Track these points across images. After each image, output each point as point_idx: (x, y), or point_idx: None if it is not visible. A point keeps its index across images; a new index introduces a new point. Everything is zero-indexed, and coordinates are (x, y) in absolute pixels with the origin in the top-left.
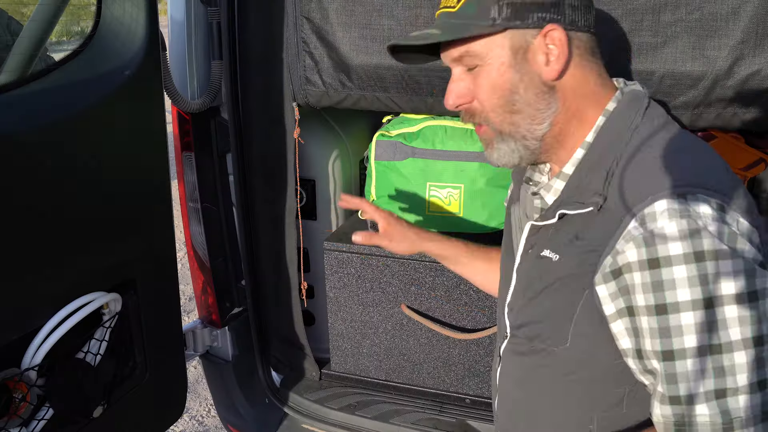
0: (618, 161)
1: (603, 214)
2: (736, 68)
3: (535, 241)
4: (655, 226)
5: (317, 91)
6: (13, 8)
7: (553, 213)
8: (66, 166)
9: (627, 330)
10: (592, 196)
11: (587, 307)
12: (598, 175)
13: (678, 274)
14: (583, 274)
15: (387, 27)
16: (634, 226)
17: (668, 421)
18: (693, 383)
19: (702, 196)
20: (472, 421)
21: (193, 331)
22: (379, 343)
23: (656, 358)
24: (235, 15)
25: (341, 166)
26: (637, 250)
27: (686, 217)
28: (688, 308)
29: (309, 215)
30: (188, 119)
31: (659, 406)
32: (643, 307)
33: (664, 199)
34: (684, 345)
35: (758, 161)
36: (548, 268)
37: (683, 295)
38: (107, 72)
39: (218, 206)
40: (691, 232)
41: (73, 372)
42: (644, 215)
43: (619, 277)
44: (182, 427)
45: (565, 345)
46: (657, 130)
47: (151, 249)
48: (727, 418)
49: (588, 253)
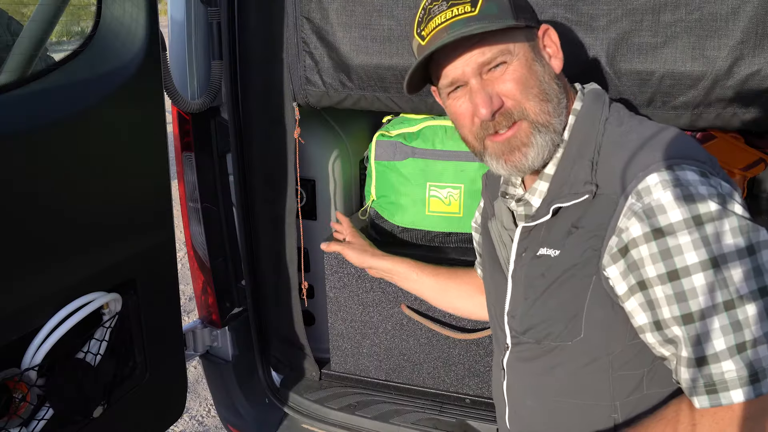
0: (599, 150)
1: (598, 200)
2: (735, 68)
3: (527, 244)
4: (651, 199)
5: (317, 91)
6: (13, 8)
7: (546, 210)
8: (66, 166)
9: (641, 305)
10: (583, 185)
11: (597, 293)
12: (582, 166)
13: (683, 240)
14: (587, 261)
15: (387, 27)
16: (632, 203)
17: (697, 384)
18: (716, 341)
19: (686, 166)
20: (472, 421)
21: (193, 331)
22: (379, 343)
23: (677, 323)
24: (235, 15)
25: (341, 166)
26: (640, 224)
27: (678, 186)
28: (697, 270)
29: (309, 215)
30: (188, 119)
31: (686, 371)
32: (655, 277)
33: (655, 173)
34: (701, 306)
35: (758, 161)
36: (549, 264)
37: (691, 258)
38: (107, 72)
39: (218, 206)
40: (686, 198)
41: (73, 372)
42: (639, 191)
43: (627, 254)
44: (182, 427)
45: (580, 336)
46: (627, 120)
47: (151, 249)
48: (752, 369)
49: (589, 240)
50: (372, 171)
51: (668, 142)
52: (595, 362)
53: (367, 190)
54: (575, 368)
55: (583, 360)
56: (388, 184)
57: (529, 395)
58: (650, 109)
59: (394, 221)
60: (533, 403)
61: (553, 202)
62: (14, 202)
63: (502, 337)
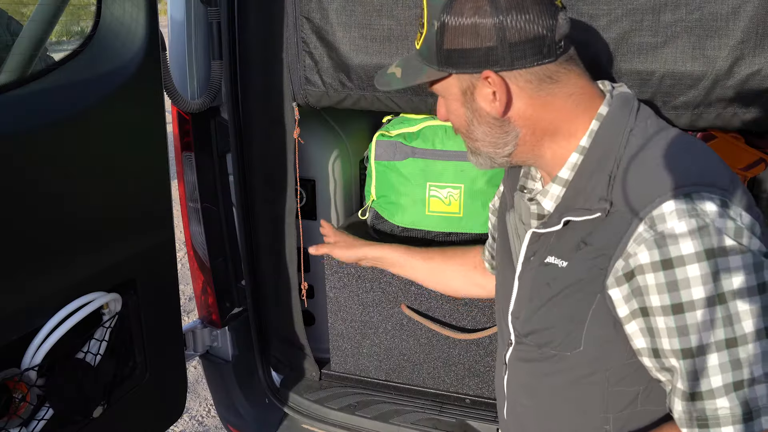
0: (618, 164)
1: (610, 218)
2: (736, 68)
3: (536, 248)
4: (665, 227)
5: (317, 91)
6: (13, 8)
7: (558, 220)
8: (66, 166)
9: (642, 330)
10: (597, 201)
11: (599, 311)
12: (600, 179)
13: (692, 273)
14: (593, 279)
15: (387, 27)
16: (644, 229)
17: (690, 417)
18: (713, 378)
19: (706, 194)
20: (472, 421)
21: (193, 331)
22: (379, 343)
23: (675, 356)
24: (235, 15)
25: (341, 166)
26: (649, 252)
27: (694, 216)
28: (703, 305)
29: (309, 215)
30: (188, 119)
31: (680, 403)
32: (659, 308)
33: (672, 200)
34: (702, 342)
35: (758, 161)
36: (555, 274)
37: (698, 293)
38: (107, 72)
39: (218, 206)
40: (700, 231)
41: (73, 372)
42: (653, 217)
43: (632, 279)
44: (182, 427)
45: (579, 349)
46: (652, 132)
47: (151, 249)
48: (746, 408)
49: (597, 258)
50: (372, 171)
51: (690, 163)
52: (592, 375)
53: (367, 190)
54: (572, 378)
55: (581, 372)
56: (388, 184)
57: (525, 395)
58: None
59: (394, 221)
60: (528, 403)
61: (565, 214)
62: (14, 202)
63: (506, 332)
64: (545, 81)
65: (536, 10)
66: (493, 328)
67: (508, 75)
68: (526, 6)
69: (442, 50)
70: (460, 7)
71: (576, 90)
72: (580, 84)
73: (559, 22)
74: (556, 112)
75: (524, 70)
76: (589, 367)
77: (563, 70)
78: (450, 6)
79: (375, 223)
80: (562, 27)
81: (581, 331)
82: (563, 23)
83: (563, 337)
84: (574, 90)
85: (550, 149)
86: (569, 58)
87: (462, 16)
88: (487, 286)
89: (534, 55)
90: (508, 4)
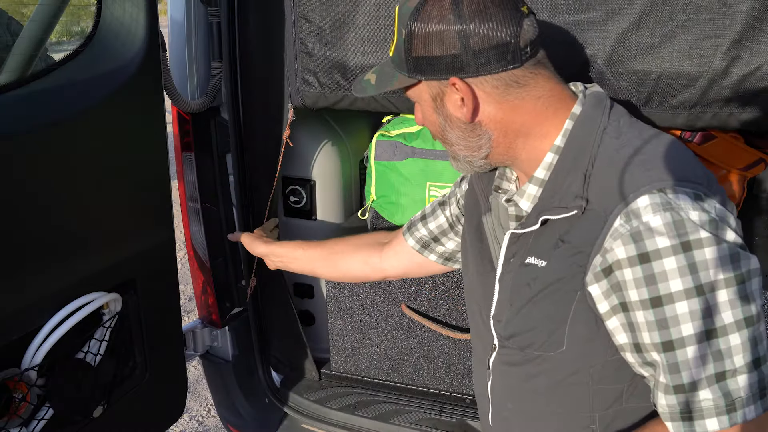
0: (593, 163)
1: (586, 216)
2: (732, 68)
3: (516, 249)
4: (640, 222)
5: (314, 92)
6: (13, 8)
7: (535, 219)
8: (66, 166)
9: (623, 325)
10: (573, 199)
11: (581, 309)
12: (576, 178)
13: (668, 266)
14: (572, 277)
15: (384, 27)
16: (620, 224)
17: (673, 410)
18: (694, 370)
19: (680, 188)
20: (472, 421)
21: (193, 331)
22: (379, 343)
23: (656, 350)
24: (235, 15)
25: (341, 166)
26: (625, 246)
27: (669, 210)
28: (681, 298)
29: (308, 215)
30: (188, 119)
31: (663, 396)
32: (638, 302)
33: (646, 195)
34: (682, 334)
35: (758, 161)
36: (535, 274)
37: (676, 286)
38: (107, 72)
39: (218, 206)
40: (676, 224)
41: (73, 372)
42: (628, 212)
43: (611, 274)
44: (182, 427)
45: (561, 348)
46: (626, 130)
47: (151, 249)
48: (729, 399)
49: (575, 255)
50: (372, 171)
51: (664, 159)
52: (576, 374)
53: (367, 190)
54: (556, 379)
55: (565, 372)
56: (388, 184)
57: (510, 398)
58: (647, 109)
59: (394, 221)
60: (514, 407)
61: (542, 213)
62: (14, 202)
63: (487, 337)
64: (512, 86)
65: (499, 17)
66: None
67: (474, 81)
68: (490, 14)
69: (411, 57)
70: (426, 15)
71: (544, 93)
72: (548, 87)
73: (524, 29)
74: (526, 115)
75: (490, 76)
76: (573, 366)
77: (530, 74)
78: (417, 14)
79: (375, 224)
80: (527, 33)
81: (563, 330)
82: (529, 29)
83: (546, 337)
84: (542, 93)
85: (525, 150)
86: (537, 63)
87: (427, 24)
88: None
89: (499, 62)
90: (471, 13)
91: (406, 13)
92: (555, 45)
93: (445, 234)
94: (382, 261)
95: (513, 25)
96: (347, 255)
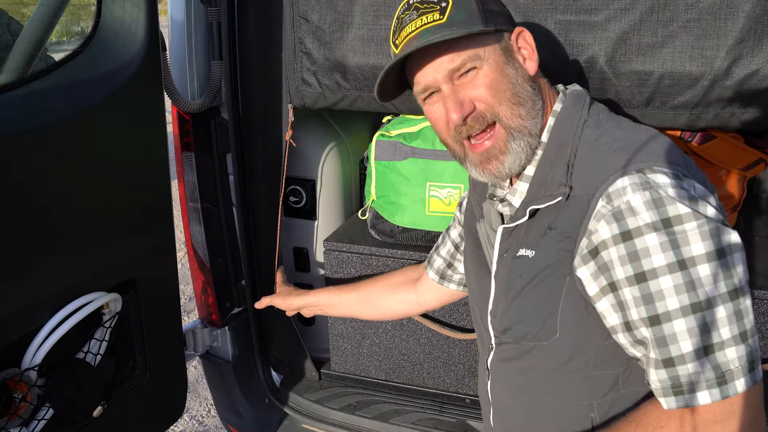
0: (574, 153)
1: (571, 202)
2: (734, 68)
3: (508, 244)
4: (621, 202)
5: (314, 92)
6: (13, 8)
7: (524, 211)
8: (66, 166)
9: (612, 306)
10: (558, 187)
11: (571, 294)
12: (559, 168)
13: (650, 242)
14: (561, 262)
15: (384, 27)
16: (602, 205)
17: (665, 385)
18: (682, 343)
19: (658, 168)
20: (472, 421)
21: (193, 331)
22: (379, 343)
23: (644, 325)
24: (235, 15)
25: (341, 166)
26: (608, 226)
27: (648, 189)
28: (665, 272)
29: (309, 215)
30: (188, 119)
31: (654, 372)
32: (624, 279)
33: (626, 176)
34: (668, 308)
35: (758, 161)
36: (526, 265)
37: (659, 261)
38: (107, 72)
39: (218, 206)
40: (655, 201)
41: (73, 372)
42: (609, 193)
43: (597, 256)
44: (182, 427)
45: (555, 336)
46: (605, 122)
47: (151, 249)
48: (719, 372)
49: (562, 241)
50: (372, 171)
51: (642, 144)
52: (571, 362)
53: (367, 190)
54: (552, 368)
55: (560, 360)
56: (388, 184)
57: (509, 394)
58: (649, 109)
59: (394, 221)
60: (513, 402)
61: (529, 204)
62: (14, 201)
63: (486, 338)
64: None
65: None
66: None
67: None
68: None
69: (485, 10)
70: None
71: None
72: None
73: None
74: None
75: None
76: (568, 354)
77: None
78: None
79: (375, 223)
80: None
81: (556, 317)
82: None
83: (539, 326)
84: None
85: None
86: None
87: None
88: (421, 299)
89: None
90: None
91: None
92: (555, 45)
93: (454, 257)
94: (418, 297)
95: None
96: (385, 296)
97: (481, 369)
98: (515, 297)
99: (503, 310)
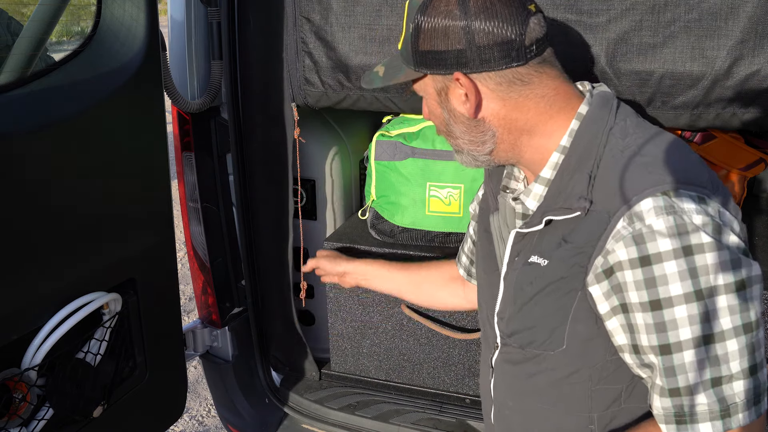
0: (598, 164)
1: (590, 216)
2: (735, 68)
3: (521, 248)
4: (642, 225)
5: (316, 92)
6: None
7: (540, 219)
8: (66, 166)
9: (622, 326)
10: (577, 200)
11: (581, 308)
12: (580, 178)
13: (669, 270)
14: (573, 276)
15: (386, 27)
16: (622, 226)
17: (668, 413)
18: (691, 374)
19: (684, 192)
20: (472, 421)
21: (193, 331)
22: (379, 343)
23: (653, 352)
24: (235, 15)
25: (341, 166)
26: (627, 249)
27: (672, 214)
28: (681, 302)
29: (309, 215)
30: (188, 119)
31: (659, 399)
32: (638, 304)
33: (650, 197)
34: (680, 338)
35: (758, 161)
36: (538, 273)
37: (675, 290)
38: (107, 72)
39: (218, 206)
40: (678, 228)
41: (73, 372)
42: (632, 214)
43: (612, 276)
44: (182, 427)
45: (562, 347)
46: (632, 131)
47: (151, 249)
48: (724, 404)
49: (577, 255)
50: (372, 171)
51: (670, 161)
52: (576, 374)
53: (367, 190)
54: (556, 378)
55: (564, 371)
56: (388, 184)
57: (510, 397)
58: (650, 109)
59: (394, 221)
60: (514, 405)
61: (546, 213)
62: (14, 201)
63: (491, 335)
64: (515, 83)
65: (505, 14)
66: None
67: (478, 77)
68: (495, 11)
69: (417, 51)
70: (433, 10)
71: (549, 91)
72: (554, 85)
73: (530, 27)
74: (529, 113)
75: (493, 73)
76: (573, 366)
77: (535, 72)
78: (424, 8)
79: (375, 223)
80: (534, 31)
81: (564, 329)
82: (535, 27)
83: (546, 335)
84: (547, 91)
85: (529, 148)
86: (543, 61)
87: (434, 19)
88: (468, 296)
89: (502, 59)
90: (477, 9)
91: (414, 7)
92: (556, 44)
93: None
94: (465, 294)
95: (519, 23)
96: (437, 286)
97: (485, 365)
98: (525, 304)
99: (511, 315)
